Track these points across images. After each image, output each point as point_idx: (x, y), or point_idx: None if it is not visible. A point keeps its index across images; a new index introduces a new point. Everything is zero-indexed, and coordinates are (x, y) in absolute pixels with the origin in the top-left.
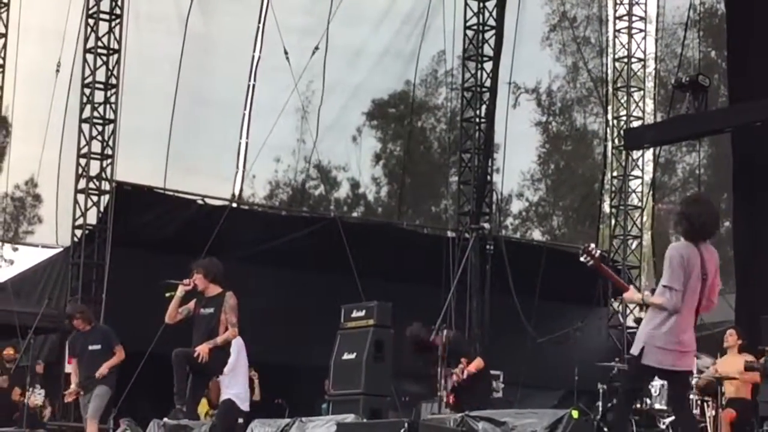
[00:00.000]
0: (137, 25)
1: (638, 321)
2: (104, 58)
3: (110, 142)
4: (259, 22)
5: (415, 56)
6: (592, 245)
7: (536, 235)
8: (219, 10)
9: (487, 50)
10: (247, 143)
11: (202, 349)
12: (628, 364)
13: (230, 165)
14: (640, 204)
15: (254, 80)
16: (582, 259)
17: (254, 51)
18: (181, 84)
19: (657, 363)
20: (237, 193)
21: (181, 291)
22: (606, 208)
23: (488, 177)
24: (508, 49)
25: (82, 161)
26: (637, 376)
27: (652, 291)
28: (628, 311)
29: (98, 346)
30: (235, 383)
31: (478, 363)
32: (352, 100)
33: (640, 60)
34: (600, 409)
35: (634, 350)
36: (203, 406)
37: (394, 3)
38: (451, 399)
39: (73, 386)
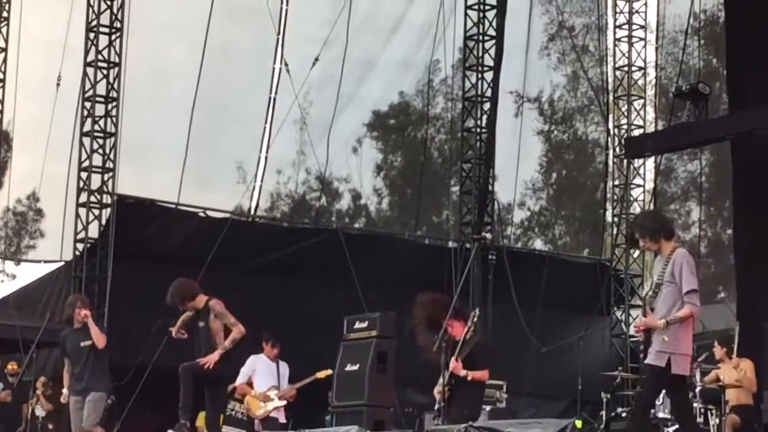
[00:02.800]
0: (151, 37)
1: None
2: (104, 72)
3: (111, 156)
4: (278, 34)
5: (414, 66)
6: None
7: (538, 244)
8: (237, 21)
9: (488, 60)
10: (266, 157)
11: (210, 358)
12: (651, 377)
13: (247, 178)
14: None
15: (275, 93)
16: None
17: (274, 63)
18: (199, 96)
19: (684, 371)
20: (254, 206)
21: (186, 316)
22: (608, 216)
23: (489, 186)
24: (511, 58)
25: (83, 175)
26: (660, 387)
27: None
28: (630, 320)
29: (89, 342)
30: None
31: (483, 375)
32: (352, 111)
33: (640, 68)
34: (604, 418)
35: (659, 362)
36: (201, 419)
37: (398, 14)
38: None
39: (65, 390)
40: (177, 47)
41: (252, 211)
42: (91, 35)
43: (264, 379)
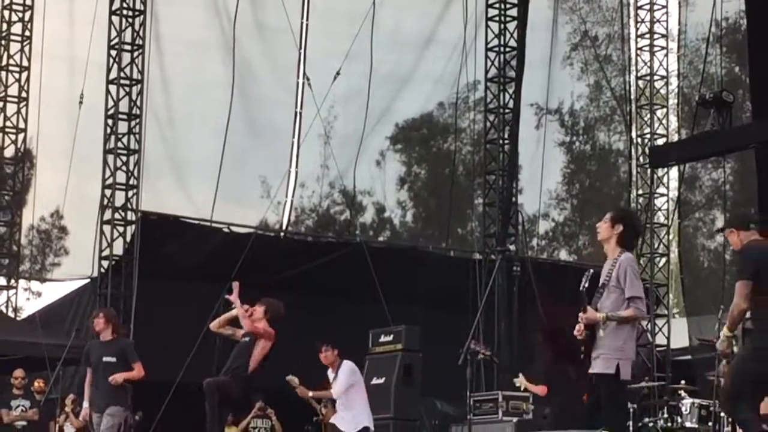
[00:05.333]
0: (176, 53)
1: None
2: (127, 89)
3: (135, 173)
4: (300, 48)
5: (439, 79)
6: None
7: (563, 255)
8: (261, 37)
9: (510, 72)
10: (297, 172)
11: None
12: (615, 386)
13: (271, 193)
14: (666, 221)
15: (301, 107)
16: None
17: (297, 77)
18: (224, 112)
19: (628, 377)
20: (285, 221)
21: (235, 312)
22: None
23: (513, 198)
24: (534, 69)
25: (107, 192)
26: (618, 395)
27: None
28: (656, 329)
29: (113, 359)
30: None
31: (537, 389)
32: (375, 124)
33: (662, 77)
34: (631, 428)
35: (609, 369)
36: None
37: (421, 28)
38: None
39: (85, 403)
40: (202, 63)
41: (284, 227)
42: (113, 53)
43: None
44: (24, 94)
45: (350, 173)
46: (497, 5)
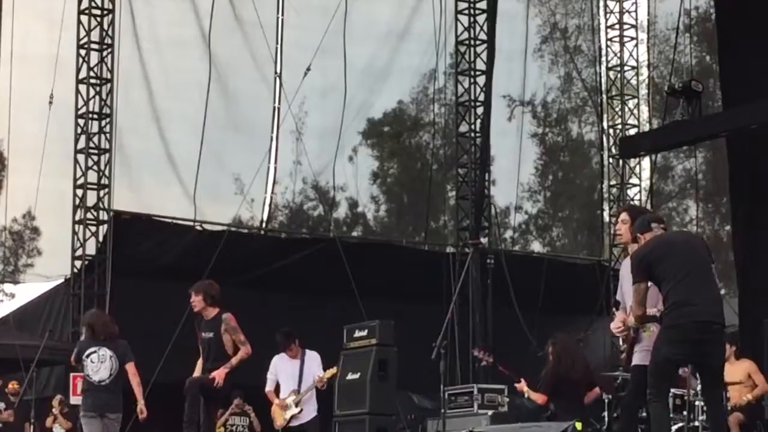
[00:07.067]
0: (149, 51)
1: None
2: (97, 88)
3: (106, 172)
4: (277, 43)
5: (408, 73)
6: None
7: (536, 246)
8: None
9: (480, 65)
10: (276, 168)
11: (219, 375)
12: (641, 376)
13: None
14: None
15: (279, 103)
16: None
17: (275, 72)
18: (197, 109)
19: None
20: (266, 217)
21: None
22: (606, 217)
23: (486, 191)
24: (504, 61)
25: (79, 192)
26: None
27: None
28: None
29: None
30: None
31: (539, 398)
32: (352, 119)
33: (633, 68)
34: (606, 419)
35: (647, 361)
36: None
37: (393, 22)
38: None
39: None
40: (175, 60)
41: (264, 223)
42: (83, 52)
43: (285, 383)
44: None
45: (328, 169)
46: None
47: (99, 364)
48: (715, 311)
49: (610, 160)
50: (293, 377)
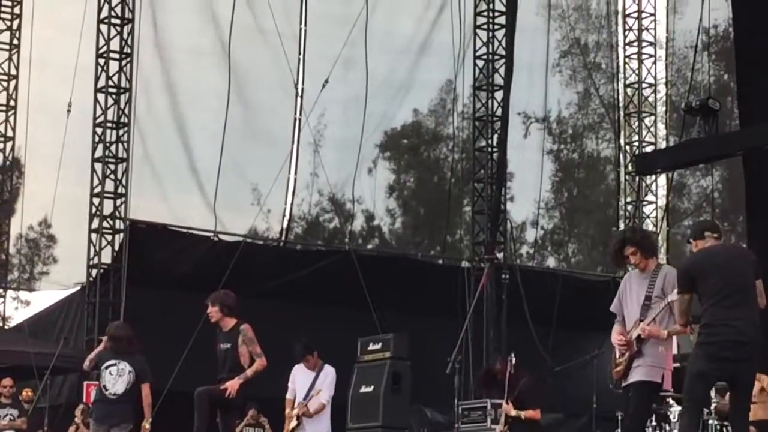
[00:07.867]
0: (169, 60)
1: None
2: (115, 97)
3: (123, 181)
4: (299, 53)
5: (424, 86)
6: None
7: (551, 262)
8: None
9: (498, 79)
10: (295, 179)
11: (232, 386)
12: (648, 393)
13: (276, 202)
14: (654, 229)
15: (300, 114)
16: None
17: (297, 83)
18: (215, 119)
19: (670, 386)
20: (285, 228)
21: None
22: None
23: (502, 206)
24: (522, 76)
25: (96, 200)
26: (652, 403)
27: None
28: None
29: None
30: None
31: (535, 414)
32: (372, 131)
33: (651, 85)
34: None
35: (656, 378)
36: None
37: (413, 35)
38: None
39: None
40: (195, 70)
41: (283, 234)
42: (101, 61)
43: (298, 394)
44: (12, 103)
45: (346, 182)
46: (485, 13)
47: (117, 378)
48: (750, 332)
49: (627, 177)
50: (304, 389)
